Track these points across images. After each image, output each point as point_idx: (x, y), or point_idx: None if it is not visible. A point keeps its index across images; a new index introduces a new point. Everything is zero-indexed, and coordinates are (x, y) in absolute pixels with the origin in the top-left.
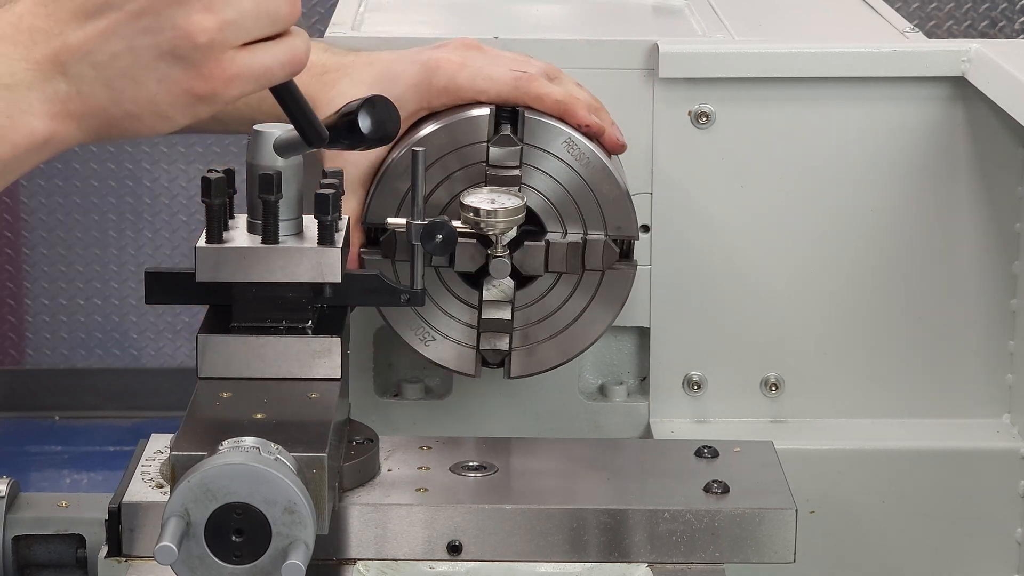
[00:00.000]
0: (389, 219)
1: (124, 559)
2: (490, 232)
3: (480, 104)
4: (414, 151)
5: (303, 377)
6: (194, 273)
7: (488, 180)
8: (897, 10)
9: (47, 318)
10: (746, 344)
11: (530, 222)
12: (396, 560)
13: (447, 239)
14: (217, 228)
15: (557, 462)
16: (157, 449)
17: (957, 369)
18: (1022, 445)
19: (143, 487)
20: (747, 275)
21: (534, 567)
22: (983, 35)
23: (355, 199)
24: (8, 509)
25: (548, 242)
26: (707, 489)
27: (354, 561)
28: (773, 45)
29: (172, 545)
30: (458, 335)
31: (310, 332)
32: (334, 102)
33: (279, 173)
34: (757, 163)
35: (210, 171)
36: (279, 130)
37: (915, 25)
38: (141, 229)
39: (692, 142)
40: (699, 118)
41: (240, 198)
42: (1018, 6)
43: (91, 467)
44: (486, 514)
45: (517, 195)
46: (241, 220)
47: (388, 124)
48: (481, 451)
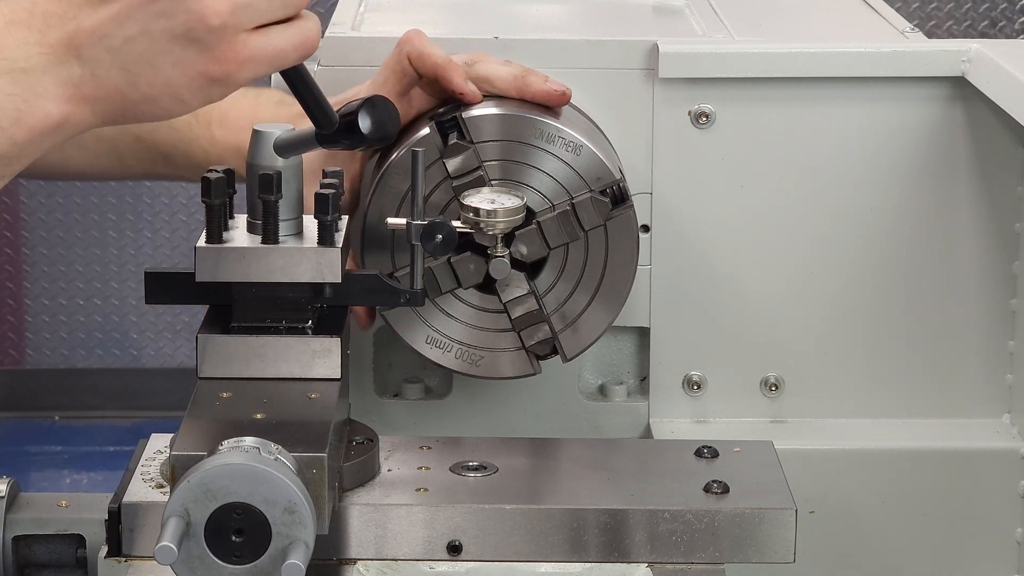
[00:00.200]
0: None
1: (124, 559)
2: (490, 232)
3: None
4: (414, 151)
5: (303, 377)
6: (194, 273)
7: (455, 191)
8: (897, 10)
9: (47, 318)
10: (746, 344)
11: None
12: (396, 560)
13: (447, 239)
14: (217, 228)
15: (557, 462)
16: (157, 449)
17: (957, 369)
18: (1022, 445)
19: (143, 487)
20: (747, 275)
21: (534, 567)
22: (983, 35)
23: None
24: (8, 509)
25: (539, 222)
26: (707, 489)
27: (354, 561)
28: (773, 45)
29: (172, 545)
30: (504, 344)
31: (310, 332)
32: None
33: (279, 173)
34: (757, 163)
35: (210, 171)
36: (279, 130)
37: (915, 25)
38: (141, 229)
39: (692, 142)
40: (699, 118)
41: (240, 198)
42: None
43: (91, 467)
44: (486, 514)
45: (517, 195)
46: (241, 220)
47: (388, 124)
48: (481, 451)
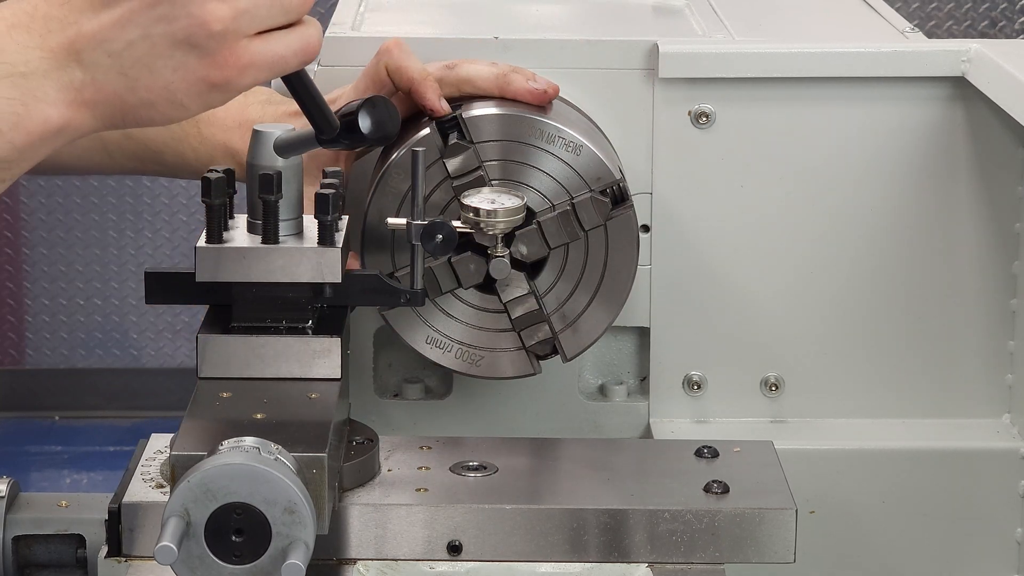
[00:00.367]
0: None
1: (124, 559)
2: (490, 232)
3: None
4: (414, 151)
5: (303, 377)
6: (194, 273)
7: (455, 191)
8: (897, 10)
9: (47, 318)
10: (746, 344)
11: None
12: (396, 560)
13: (447, 239)
14: (217, 228)
15: (557, 462)
16: (157, 449)
17: (957, 369)
18: (1022, 445)
19: (143, 487)
20: (747, 275)
21: (534, 567)
22: (983, 35)
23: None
24: (8, 509)
25: (539, 222)
26: (707, 489)
27: (354, 561)
28: (773, 45)
29: (172, 545)
30: (504, 344)
31: (310, 332)
32: None
33: (279, 173)
34: (757, 163)
35: (210, 171)
36: (279, 130)
37: (915, 25)
38: (141, 229)
39: (692, 142)
40: (699, 118)
41: (240, 198)
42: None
43: (91, 467)
44: (486, 514)
45: (517, 195)
46: (241, 220)
47: (388, 124)
48: (481, 451)
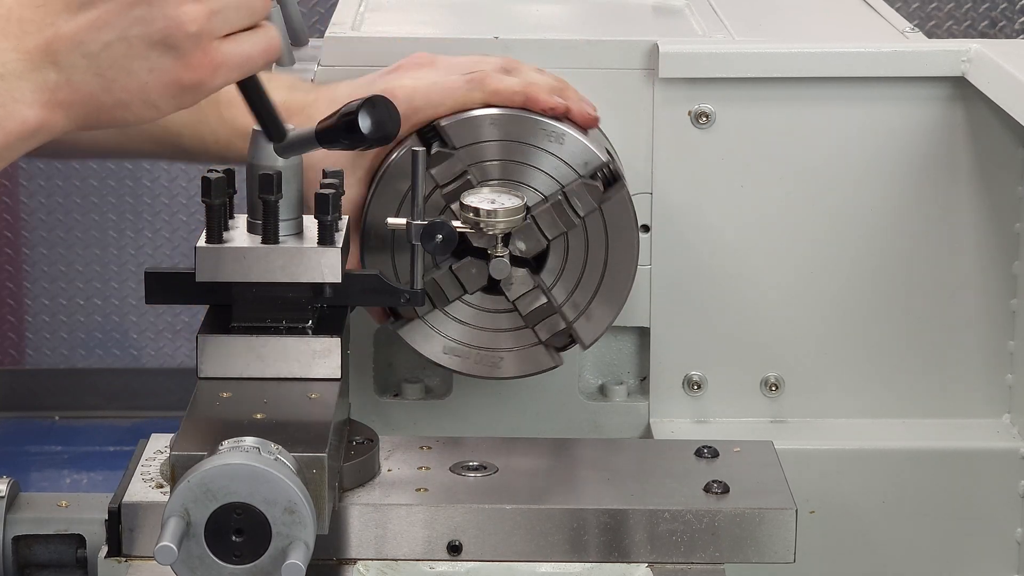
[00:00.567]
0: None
1: (124, 559)
2: (490, 232)
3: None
4: (414, 151)
5: (303, 377)
6: (194, 273)
7: (446, 198)
8: (897, 10)
9: (47, 318)
10: (746, 344)
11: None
12: (396, 560)
13: (447, 239)
14: (217, 228)
15: (557, 462)
16: (157, 449)
17: (957, 369)
18: (1022, 445)
19: (143, 487)
20: (747, 275)
21: (534, 567)
22: (983, 35)
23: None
24: (8, 509)
25: (532, 216)
26: (707, 489)
27: (354, 561)
28: (773, 45)
29: (172, 545)
30: (519, 342)
31: (310, 332)
32: None
33: (279, 173)
34: (757, 163)
35: (210, 171)
36: None
37: (915, 25)
38: (141, 229)
39: (692, 142)
40: (699, 118)
41: (240, 198)
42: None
43: (91, 467)
44: (486, 514)
45: (517, 195)
46: (241, 220)
47: (388, 124)
48: (481, 451)
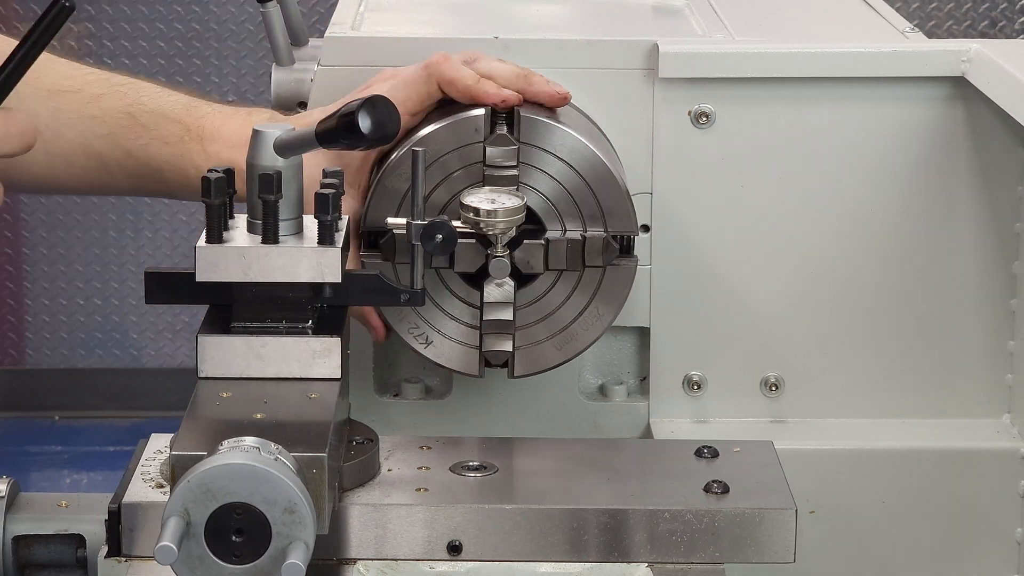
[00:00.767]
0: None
1: (124, 559)
2: (490, 232)
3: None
4: (414, 151)
5: (303, 377)
6: (194, 273)
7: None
8: (897, 10)
9: (47, 318)
10: (746, 344)
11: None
12: (396, 560)
13: (447, 239)
14: (217, 228)
15: (557, 462)
16: (157, 449)
17: (957, 369)
18: (1022, 445)
19: (143, 487)
20: (747, 275)
21: (534, 567)
22: (983, 35)
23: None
24: (8, 509)
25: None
26: (707, 489)
27: (354, 561)
28: (773, 45)
29: (172, 545)
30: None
31: (310, 332)
32: None
33: (279, 173)
34: (757, 163)
35: (210, 171)
36: (279, 130)
37: (915, 25)
38: (141, 229)
39: (692, 142)
40: (699, 118)
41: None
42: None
43: (91, 467)
44: (486, 514)
45: (517, 195)
46: (241, 220)
47: (388, 124)
48: (481, 451)
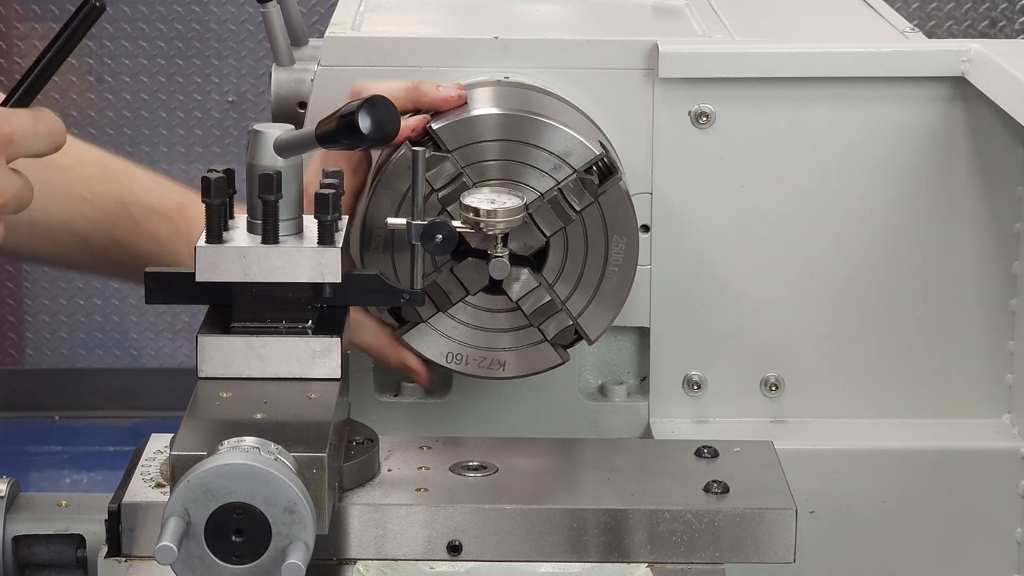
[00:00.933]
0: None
1: (124, 559)
2: (490, 232)
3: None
4: (414, 151)
5: (303, 377)
6: (194, 273)
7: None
8: (897, 10)
9: (47, 318)
10: (746, 344)
11: None
12: (396, 560)
13: (447, 239)
14: (217, 228)
15: (557, 462)
16: (157, 449)
17: (957, 369)
18: (1022, 445)
19: (143, 487)
20: (747, 274)
21: (534, 567)
22: (983, 35)
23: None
24: (8, 509)
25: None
26: (707, 489)
27: (354, 561)
28: (773, 45)
29: (172, 545)
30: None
31: (310, 332)
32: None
33: (279, 173)
34: (757, 163)
35: (210, 171)
36: (279, 130)
37: (915, 25)
38: None
39: (692, 142)
40: (699, 118)
41: (240, 198)
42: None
43: (91, 467)
44: (486, 514)
45: (516, 195)
46: (241, 220)
47: (388, 124)
48: (481, 451)
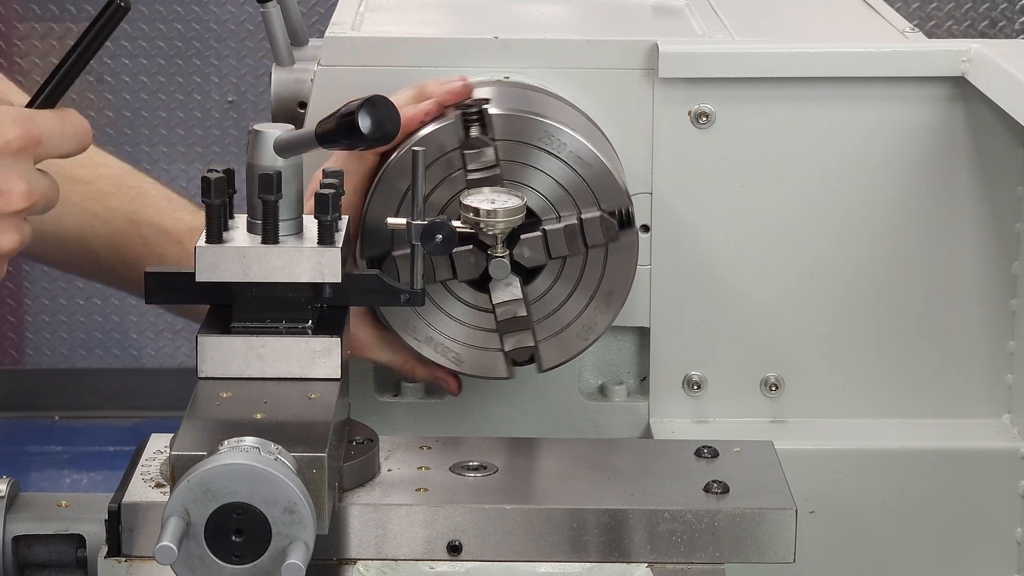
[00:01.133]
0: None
1: (124, 559)
2: (490, 232)
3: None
4: (414, 151)
5: (303, 377)
6: (194, 273)
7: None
8: (897, 10)
9: (47, 318)
10: (746, 344)
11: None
12: (396, 560)
13: (447, 239)
14: (217, 228)
15: (557, 462)
16: (157, 449)
17: (957, 369)
18: (1022, 445)
19: (143, 487)
20: (747, 274)
21: (534, 567)
22: (983, 35)
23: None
24: (8, 509)
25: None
26: (707, 489)
27: (354, 561)
28: (773, 45)
29: (172, 545)
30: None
31: (310, 332)
32: None
33: (279, 173)
34: (757, 163)
35: (210, 171)
36: (279, 130)
37: (915, 25)
38: None
39: (692, 142)
40: (699, 118)
41: (240, 198)
42: (1018, 6)
43: (91, 467)
44: (486, 514)
45: (517, 195)
46: (241, 220)
47: (388, 124)
48: (481, 451)
